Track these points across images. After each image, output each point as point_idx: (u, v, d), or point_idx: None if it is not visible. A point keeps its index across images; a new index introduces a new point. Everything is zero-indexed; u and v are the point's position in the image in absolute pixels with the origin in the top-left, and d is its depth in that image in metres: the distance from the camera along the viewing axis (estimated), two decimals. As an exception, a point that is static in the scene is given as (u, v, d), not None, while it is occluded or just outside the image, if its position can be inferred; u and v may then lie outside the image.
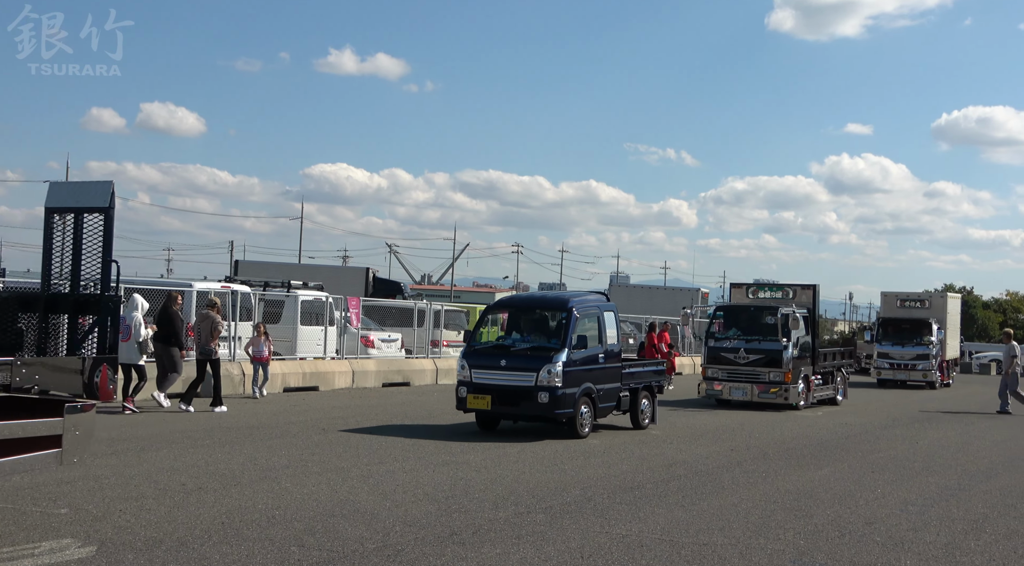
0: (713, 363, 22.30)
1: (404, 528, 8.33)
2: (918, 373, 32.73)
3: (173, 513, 8.58)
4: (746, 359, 21.80)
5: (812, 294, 23.24)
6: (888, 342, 33.44)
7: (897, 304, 34.76)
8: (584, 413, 14.84)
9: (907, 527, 9.22)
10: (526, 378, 14.47)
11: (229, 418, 16.02)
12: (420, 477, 10.90)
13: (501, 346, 15.30)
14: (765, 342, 21.75)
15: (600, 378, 15.29)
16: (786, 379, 21.37)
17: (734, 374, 21.90)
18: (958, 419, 21.47)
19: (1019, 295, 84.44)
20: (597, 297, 16.44)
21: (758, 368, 21.61)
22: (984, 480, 12.44)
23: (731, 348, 22.08)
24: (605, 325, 15.59)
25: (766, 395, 21.45)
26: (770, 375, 21.46)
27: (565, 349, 14.55)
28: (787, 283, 24.02)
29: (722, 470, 12.34)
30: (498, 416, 15.31)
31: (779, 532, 8.76)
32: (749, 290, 24.30)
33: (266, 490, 9.77)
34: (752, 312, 22.65)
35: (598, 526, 8.70)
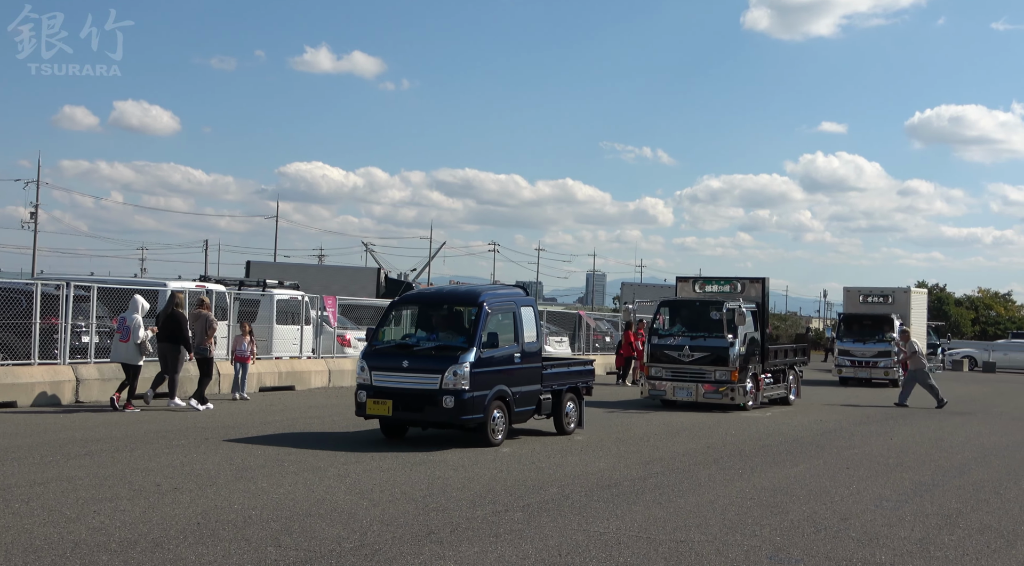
0: (657, 361, 21.04)
1: (381, 527, 8.31)
2: (880, 371, 31.59)
3: (148, 514, 8.51)
4: (691, 357, 20.53)
5: (761, 288, 21.91)
6: (849, 339, 32.38)
7: (860, 299, 33.70)
8: (497, 418, 13.51)
9: (882, 523, 9.30)
10: (430, 381, 13.11)
11: (205, 418, 15.93)
12: (397, 476, 10.87)
13: (404, 345, 13.73)
14: (711, 339, 20.47)
15: (516, 380, 13.96)
16: (733, 378, 20.19)
17: (678, 373, 20.64)
18: (931, 416, 21.64)
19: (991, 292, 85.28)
20: (514, 291, 15.36)
21: (703, 366, 20.39)
22: (957, 476, 12.56)
23: (675, 345, 20.77)
24: (522, 322, 14.22)
25: (712, 395, 20.29)
26: (716, 374, 20.26)
27: (474, 348, 13.19)
28: (735, 276, 22.52)
29: (699, 467, 12.39)
30: (400, 423, 13.89)
31: (755, 528, 8.81)
32: (696, 283, 22.88)
33: (242, 490, 9.72)
34: (697, 307, 21.29)
35: (576, 524, 8.72)
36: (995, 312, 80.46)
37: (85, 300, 18.38)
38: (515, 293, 15.09)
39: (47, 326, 17.50)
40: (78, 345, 18.09)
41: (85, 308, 18.34)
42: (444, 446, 13.38)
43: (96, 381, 17.63)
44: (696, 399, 20.37)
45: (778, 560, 7.77)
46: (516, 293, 15.11)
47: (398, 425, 13.98)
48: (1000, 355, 48.68)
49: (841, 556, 7.94)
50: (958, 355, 47.68)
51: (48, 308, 17.60)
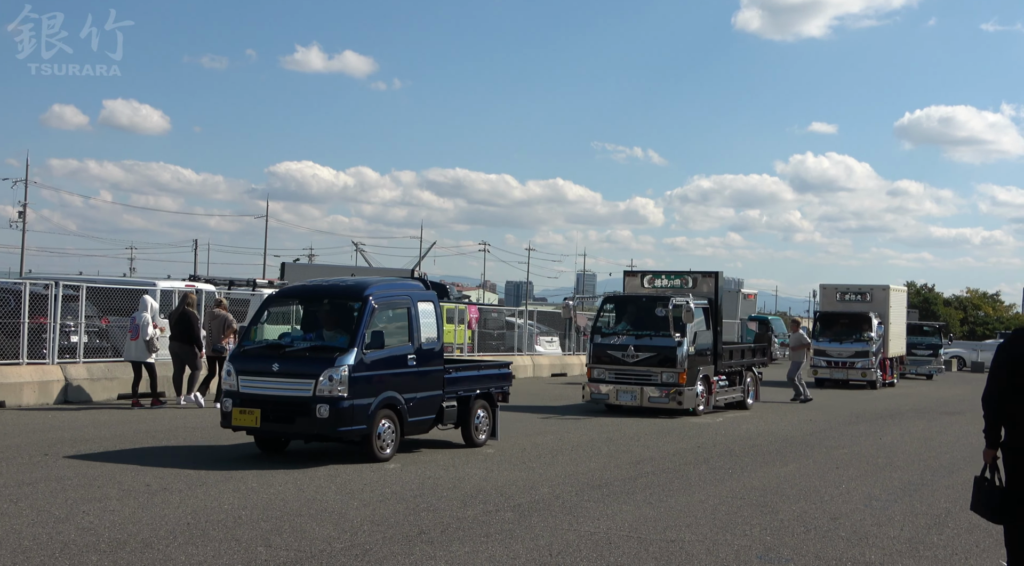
0: (599, 362, 19.36)
1: (372, 527, 8.30)
2: (857, 371, 30.28)
3: (137, 514, 8.49)
4: (635, 358, 18.91)
5: (714, 282, 20.29)
6: (825, 338, 30.96)
7: (837, 297, 32.24)
8: (385, 430, 11.79)
9: (871, 522, 9.33)
10: (302, 386, 11.41)
11: (195, 418, 15.89)
12: (388, 476, 10.86)
13: (276, 346, 12.06)
14: (657, 338, 18.86)
15: (410, 385, 12.22)
16: (680, 381, 18.61)
17: (622, 375, 19.03)
18: (921, 415, 21.73)
19: (979, 292, 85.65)
20: (410, 284, 13.55)
21: (649, 368, 18.82)
22: (946, 475, 12.60)
23: (619, 345, 19.11)
24: (418, 319, 12.48)
25: (658, 399, 18.66)
26: (663, 376, 18.70)
27: (355, 349, 11.50)
28: (686, 270, 20.81)
29: (689, 467, 12.42)
30: (271, 435, 12.14)
31: (745, 528, 8.82)
32: (644, 278, 21.13)
33: (232, 490, 9.70)
34: (643, 303, 19.62)
35: (566, 524, 8.72)
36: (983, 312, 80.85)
37: (74, 300, 18.33)
38: (411, 286, 13.31)
39: (35, 326, 17.44)
40: (67, 345, 18.05)
41: (74, 308, 18.30)
42: (432, 447, 13.37)
43: (85, 381, 17.58)
44: (641, 403, 18.83)
45: (768, 559, 7.79)
46: (412, 286, 13.32)
47: (273, 438, 12.31)
48: (988, 355, 48.84)
49: (831, 555, 7.96)
50: (947, 355, 47.85)
51: (36, 308, 17.54)
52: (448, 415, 13.02)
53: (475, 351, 29.69)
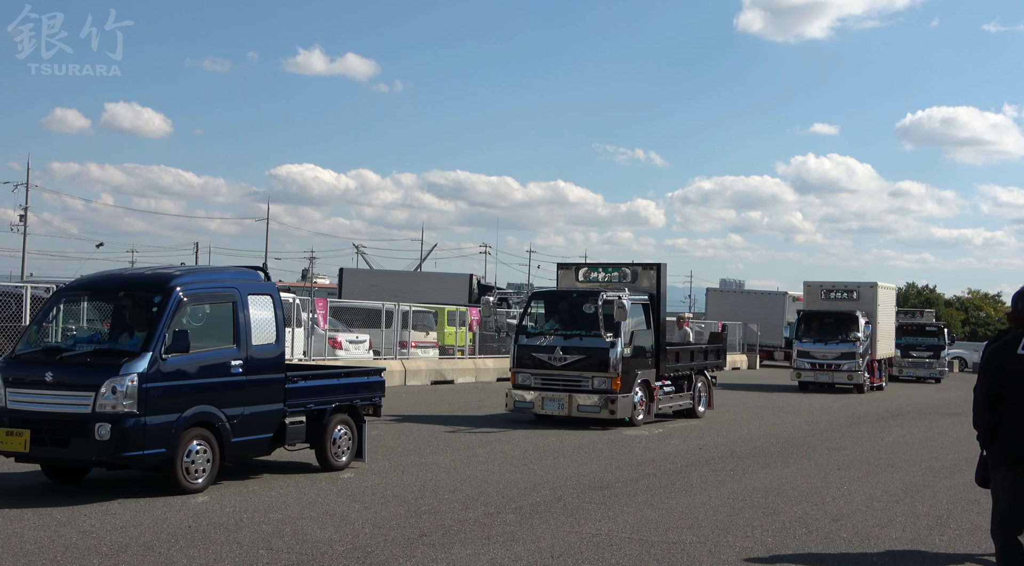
0: (524, 367, 17.19)
1: (373, 530, 8.31)
2: (843, 374, 28.35)
3: (139, 517, 8.49)
4: (563, 361, 16.78)
5: (656, 275, 18.06)
6: (809, 339, 29.08)
7: (821, 295, 30.29)
8: (195, 454, 9.57)
9: (873, 523, 9.33)
10: (79, 401, 9.16)
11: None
12: (389, 478, 10.86)
13: (53, 350, 9.83)
14: (587, 338, 16.70)
15: (234, 398, 9.98)
16: (613, 386, 16.41)
17: (549, 381, 16.91)
18: (922, 416, 21.73)
19: (980, 293, 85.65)
20: (238, 274, 10.89)
21: (578, 372, 16.68)
22: (948, 476, 12.60)
23: (545, 346, 16.99)
24: (248, 316, 10.20)
25: (588, 408, 16.54)
26: (593, 381, 16.55)
27: (149, 352, 9.30)
28: (626, 262, 18.76)
29: (691, 468, 12.41)
30: (46, 462, 9.87)
31: (747, 530, 8.82)
32: (579, 271, 18.97)
33: (233, 493, 9.70)
34: (574, 299, 17.49)
35: (568, 525, 8.72)
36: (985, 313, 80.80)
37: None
38: (239, 276, 10.77)
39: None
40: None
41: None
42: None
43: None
44: (569, 413, 16.67)
45: (770, 561, 7.78)
46: (241, 276, 10.79)
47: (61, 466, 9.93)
48: (991, 357, 48.77)
49: (832, 557, 7.96)
50: (949, 356, 47.75)
51: (38, 311, 17.56)
52: (293, 433, 10.83)
53: (476, 354, 29.71)
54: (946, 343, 37.38)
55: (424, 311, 30.11)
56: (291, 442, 10.94)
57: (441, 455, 12.79)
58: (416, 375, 25.62)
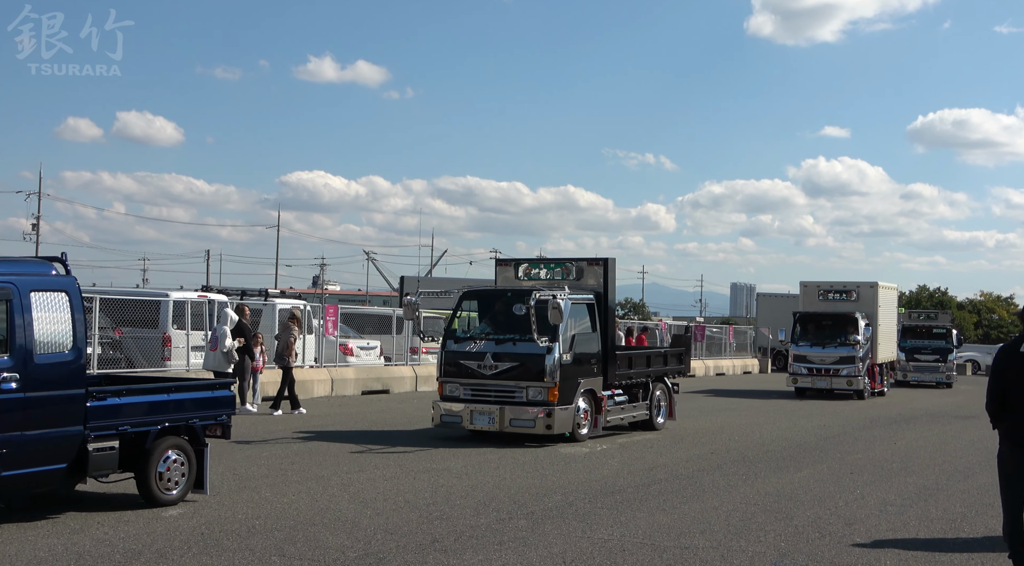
0: (452, 376, 15.13)
1: (385, 536, 8.31)
2: (842, 379, 26.90)
3: (152, 525, 8.52)
4: (494, 369, 14.78)
5: (603, 272, 16.00)
6: (806, 342, 27.64)
7: (819, 296, 28.74)
8: None
9: (886, 527, 9.29)
10: None
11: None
12: (401, 484, 10.87)
13: None
14: (521, 343, 14.67)
15: (5, 421, 8.03)
16: (550, 397, 14.41)
17: (479, 391, 14.88)
18: (935, 419, 21.63)
19: (993, 296, 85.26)
20: (26, 265, 8.85)
21: (511, 381, 14.68)
22: (962, 480, 12.54)
23: (475, 353, 14.93)
24: (27, 318, 8.28)
25: (522, 422, 14.50)
26: (528, 392, 14.55)
27: None
28: (571, 258, 16.56)
29: (702, 473, 12.38)
30: None
31: (760, 534, 8.80)
32: (519, 268, 16.70)
33: (246, 500, 9.72)
34: (509, 299, 15.43)
35: (580, 531, 8.71)
36: (997, 315, 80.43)
37: (88, 311, 18.43)
38: (18, 269, 8.61)
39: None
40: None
41: (88, 319, 18.38)
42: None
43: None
44: (501, 427, 14.63)
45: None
46: (22, 269, 8.64)
47: None
48: (1004, 359, 48.40)
49: (846, 562, 7.93)
50: (961, 359, 47.44)
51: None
52: (100, 461, 8.85)
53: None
54: (954, 346, 35.68)
55: (434, 317, 30.10)
56: (99, 472, 8.95)
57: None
58: (428, 381, 25.62)
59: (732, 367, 42.76)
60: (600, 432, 15.60)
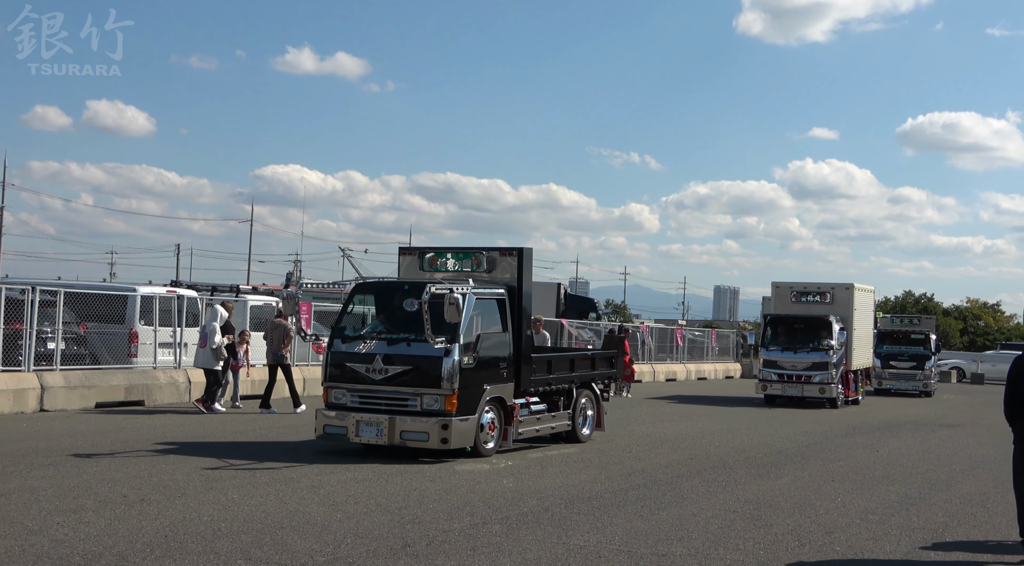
0: (337, 380, 13.54)
1: (355, 540, 8.28)
2: (814, 387, 25.95)
3: (113, 526, 8.45)
4: (384, 373, 13.20)
5: (518, 264, 14.35)
6: (777, 347, 26.67)
7: (792, 298, 27.78)
8: None
9: (867, 537, 9.34)
10: None
11: (174, 429, 15.83)
12: (372, 487, 10.84)
13: None
14: (416, 344, 13.14)
15: None
16: (447, 407, 12.89)
17: (367, 399, 13.28)
18: (919, 427, 21.78)
19: (979, 302, 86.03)
20: None
21: (404, 388, 13.12)
22: (945, 489, 12.63)
23: (364, 355, 13.36)
24: None
25: (414, 435, 12.94)
26: (422, 400, 13.01)
27: None
28: (482, 247, 14.79)
29: (682, 479, 12.41)
30: None
31: (739, 542, 8.83)
32: (425, 258, 14.94)
33: (212, 501, 9.67)
34: (406, 292, 13.67)
35: (555, 537, 8.71)
36: (984, 322, 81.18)
37: (51, 305, 18.32)
38: None
39: (11, 332, 17.41)
40: (43, 352, 18.02)
41: (51, 313, 18.29)
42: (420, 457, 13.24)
43: (62, 389, 17.52)
44: (390, 441, 13.01)
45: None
46: None
47: None
48: (989, 366, 48.93)
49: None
50: (946, 366, 47.84)
51: (12, 313, 17.52)
52: None
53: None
54: (932, 353, 34.71)
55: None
56: None
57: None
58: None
59: (714, 371, 42.94)
60: (511, 446, 14.09)
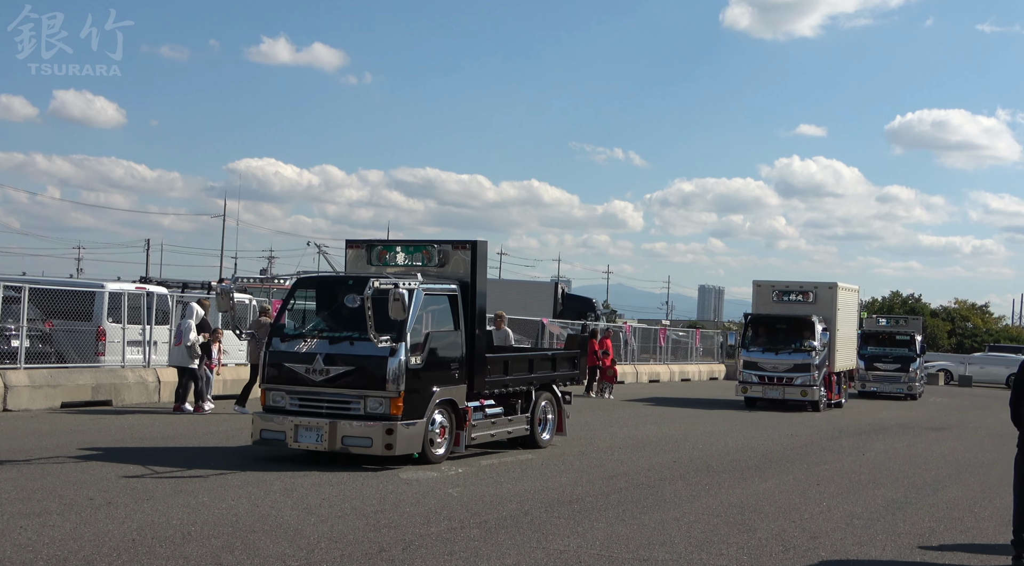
0: (276, 381, 12.99)
1: (329, 544, 8.26)
2: (796, 389, 25.72)
3: (79, 529, 8.40)
4: (326, 374, 12.65)
5: (472, 257, 13.85)
6: (757, 348, 26.47)
7: (773, 297, 27.63)
8: None
9: (852, 542, 9.39)
10: None
11: (142, 429, 15.76)
12: (347, 491, 10.81)
13: None
14: (360, 343, 12.56)
15: None
16: (393, 410, 12.31)
17: (308, 402, 12.73)
18: (906, 430, 21.92)
19: (968, 303, 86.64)
20: None
21: (347, 390, 12.58)
22: (931, 493, 12.72)
23: (304, 354, 12.84)
24: None
25: (357, 440, 12.36)
26: (366, 403, 12.44)
27: None
28: (434, 239, 14.22)
29: (664, 483, 12.45)
30: None
31: (722, 547, 8.86)
32: (373, 253, 14.36)
33: (181, 504, 9.62)
34: (351, 287, 12.89)
35: (535, 541, 8.72)
36: (972, 324, 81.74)
37: (16, 302, 18.19)
38: None
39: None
40: (7, 349, 17.88)
41: (15, 310, 18.15)
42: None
43: (26, 388, 17.39)
44: (331, 447, 12.42)
45: (745, 580, 7.82)
46: None
47: None
48: (977, 369, 49.27)
49: (810, 576, 8.00)
50: (934, 369, 48.10)
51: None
52: None
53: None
54: (917, 354, 34.31)
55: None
56: None
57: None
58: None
59: (698, 372, 43.08)
60: (463, 451, 13.55)
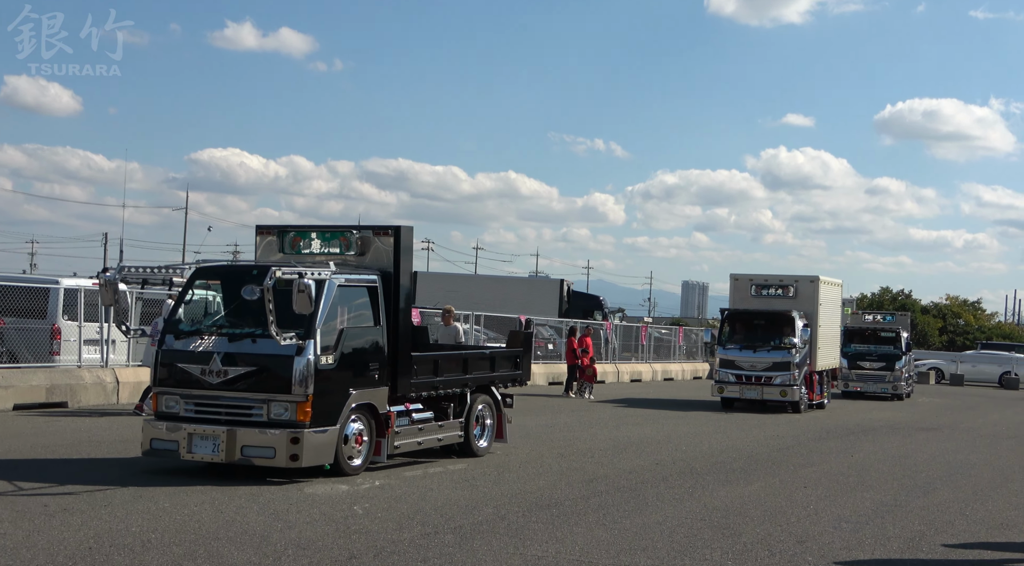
0: (169, 385, 11.97)
1: (297, 551, 8.24)
2: (775, 389, 25.38)
3: (32, 538, 8.34)
4: (224, 376, 11.65)
5: (395, 245, 12.91)
6: (735, 345, 26.07)
7: (752, 292, 27.09)
8: None
9: (840, 546, 9.45)
10: None
11: (102, 431, 15.66)
12: (316, 495, 10.79)
13: None
14: (263, 341, 11.53)
15: None
16: (300, 417, 11.35)
17: (204, 407, 11.73)
18: (895, 431, 22.09)
19: (959, 299, 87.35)
20: None
21: (248, 394, 11.60)
22: (922, 496, 12.82)
23: (200, 354, 11.79)
24: None
25: (258, 449, 11.40)
26: (269, 408, 11.45)
27: None
28: (353, 225, 13.41)
29: (646, 486, 12.49)
30: None
31: (706, 552, 8.90)
32: (286, 240, 13.36)
33: (141, 511, 9.57)
34: (254, 278, 11.75)
35: (512, 547, 8.73)
36: (963, 321, 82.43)
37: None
38: None
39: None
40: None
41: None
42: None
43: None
44: (229, 458, 11.48)
45: (729, 586, 7.85)
46: None
47: None
48: (968, 367, 49.63)
49: (797, 581, 8.05)
50: (924, 367, 48.39)
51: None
52: None
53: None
54: (903, 352, 33.83)
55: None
56: None
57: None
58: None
59: (681, 371, 43.24)
60: (385, 461, 12.65)
